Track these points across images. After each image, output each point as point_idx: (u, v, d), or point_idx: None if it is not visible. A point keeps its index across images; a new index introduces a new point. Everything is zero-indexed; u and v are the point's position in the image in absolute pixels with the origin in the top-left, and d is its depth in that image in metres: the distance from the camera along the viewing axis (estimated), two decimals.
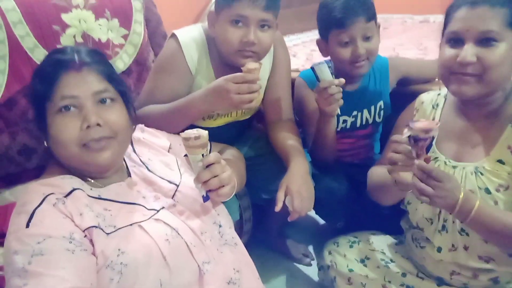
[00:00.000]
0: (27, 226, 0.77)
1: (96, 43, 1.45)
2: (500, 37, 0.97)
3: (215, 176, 0.90)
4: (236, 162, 1.18)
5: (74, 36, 1.40)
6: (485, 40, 0.97)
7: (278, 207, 1.12)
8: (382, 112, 1.51)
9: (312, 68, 1.21)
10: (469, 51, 0.98)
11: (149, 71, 1.63)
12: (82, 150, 0.86)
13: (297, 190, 1.13)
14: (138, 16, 1.56)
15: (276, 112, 1.38)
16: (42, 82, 0.87)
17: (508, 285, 1.08)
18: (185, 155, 0.93)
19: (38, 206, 0.79)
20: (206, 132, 0.89)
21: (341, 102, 1.22)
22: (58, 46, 1.36)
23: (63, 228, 0.79)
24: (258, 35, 1.16)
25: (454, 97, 1.10)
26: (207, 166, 0.90)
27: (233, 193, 0.97)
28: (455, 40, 1.02)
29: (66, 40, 1.39)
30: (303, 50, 2.31)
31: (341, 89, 1.20)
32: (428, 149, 0.93)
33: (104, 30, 1.47)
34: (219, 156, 0.91)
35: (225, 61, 1.25)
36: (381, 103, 1.50)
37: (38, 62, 1.32)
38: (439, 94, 1.20)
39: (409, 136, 0.93)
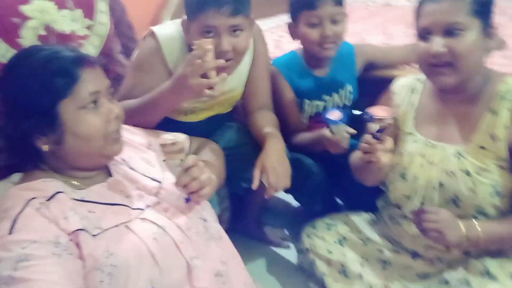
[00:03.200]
0: (11, 232, 0.75)
1: (59, 36, 1.38)
2: (466, 26, 1.02)
3: (194, 179, 0.90)
4: (216, 158, 1.18)
5: (36, 29, 1.33)
6: (452, 31, 1.03)
7: (254, 185, 1.14)
8: (351, 96, 1.56)
9: (328, 123, 1.19)
10: (438, 43, 1.03)
11: (116, 63, 1.58)
12: (105, 142, 0.88)
13: (272, 166, 1.15)
14: (102, 5, 1.50)
15: (256, 102, 1.41)
16: (62, 79, 0.84)
17: (478, 257, 1.15)
18: (164, 160, 0.94)
19: (21, 211, 0.77)
20: (183, 136, 0.90)
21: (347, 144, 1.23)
22: (18, 40, 1.30)
23: (48, 232, 0.77)
24: (231, 41, 1.15)
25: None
26: (187, 170, 0.90)
27: (214, 192, 0.99)
28: (425, 35, 1.07)
29: (27, 33, 1.32)
30: (271, 37, 2.30)
31: (348, 136, 1.21)
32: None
33: (68, 21, 1.40)
34: (197, 159, 0.92)
35: None
36: (349, 87, 1.55)
37: None
38: (417, 79, 1.25)
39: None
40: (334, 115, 1.19)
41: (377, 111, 1.04)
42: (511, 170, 1.08)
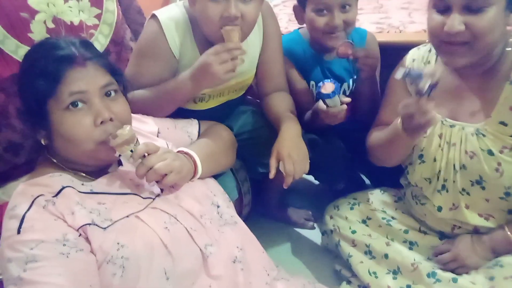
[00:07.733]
0: (18, 232, 0.75)
1: (68, 27, 1.37)
2: (490, 1, 0.90)
3: (150, 169, 0.86)
4: (213, 141, 1.11)
5: (45, 22, 1.32)
6: (473, 6, 0.91)
7: (271, 174, 1.11)
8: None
9: (322, 98, 1.16)
10: (456, 20, 0.92)
11: (128, 50, 1.57)
12: (98, 147, 0.84)
13: (288, 154, 1.11)
14: None
15: (270, 85, 1.35)
16: (45, 79, 0.82)
17: None
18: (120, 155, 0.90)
19: (28, 210, 0.77)
20: (128, 127, 0.86)
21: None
22: (30, 35, 1.30)
23: (56, 230, 0.77)
24: (240, 7, 1.08)
25: None
26: (142, 159, 0.87)
27: (185, 177, 0.94)
28: (441, 7, 0.95)
29: (36, 27, 1.31)
30: (284, 11, 2.22)
31: (345, 107, 1.18)
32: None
33: (75, 12, 1.39)
34: (151, 146, 0.88)
35: (211, 40, 1.19)
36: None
37: (11, 53, 1.27)
38: (430, 51, 1.15)
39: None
40: (327, 88, 1.14)
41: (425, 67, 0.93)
42: None
